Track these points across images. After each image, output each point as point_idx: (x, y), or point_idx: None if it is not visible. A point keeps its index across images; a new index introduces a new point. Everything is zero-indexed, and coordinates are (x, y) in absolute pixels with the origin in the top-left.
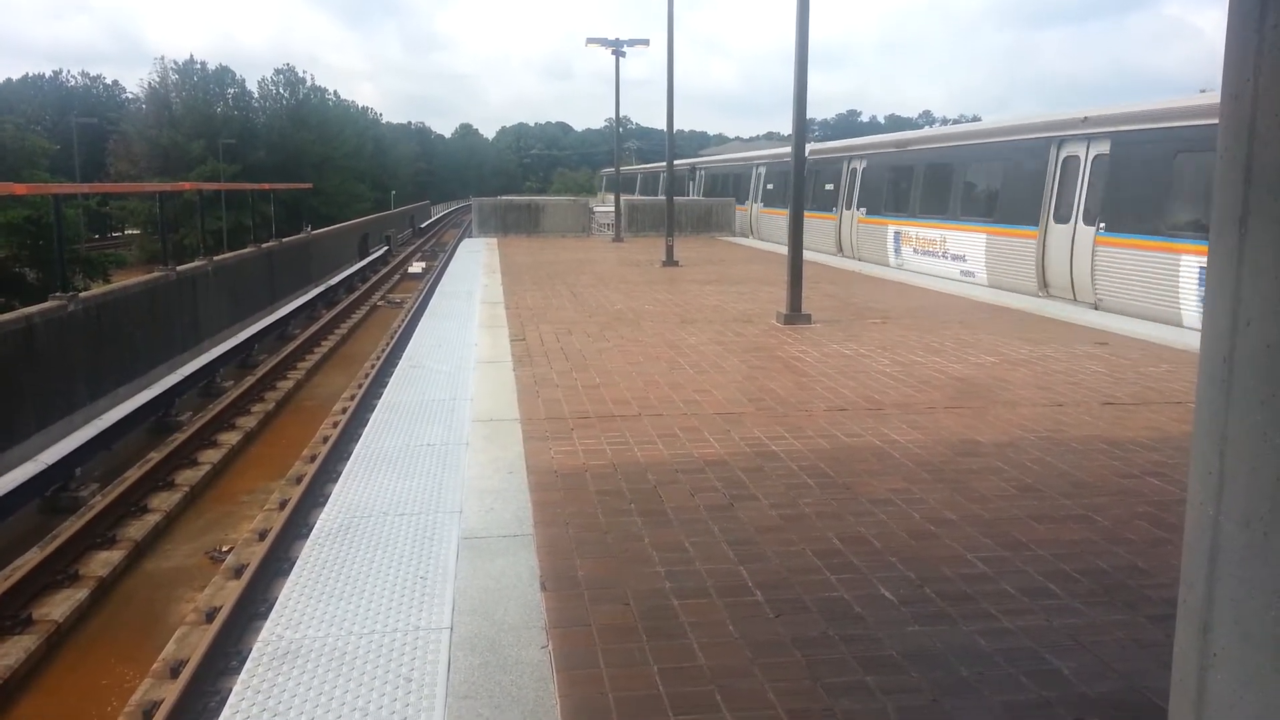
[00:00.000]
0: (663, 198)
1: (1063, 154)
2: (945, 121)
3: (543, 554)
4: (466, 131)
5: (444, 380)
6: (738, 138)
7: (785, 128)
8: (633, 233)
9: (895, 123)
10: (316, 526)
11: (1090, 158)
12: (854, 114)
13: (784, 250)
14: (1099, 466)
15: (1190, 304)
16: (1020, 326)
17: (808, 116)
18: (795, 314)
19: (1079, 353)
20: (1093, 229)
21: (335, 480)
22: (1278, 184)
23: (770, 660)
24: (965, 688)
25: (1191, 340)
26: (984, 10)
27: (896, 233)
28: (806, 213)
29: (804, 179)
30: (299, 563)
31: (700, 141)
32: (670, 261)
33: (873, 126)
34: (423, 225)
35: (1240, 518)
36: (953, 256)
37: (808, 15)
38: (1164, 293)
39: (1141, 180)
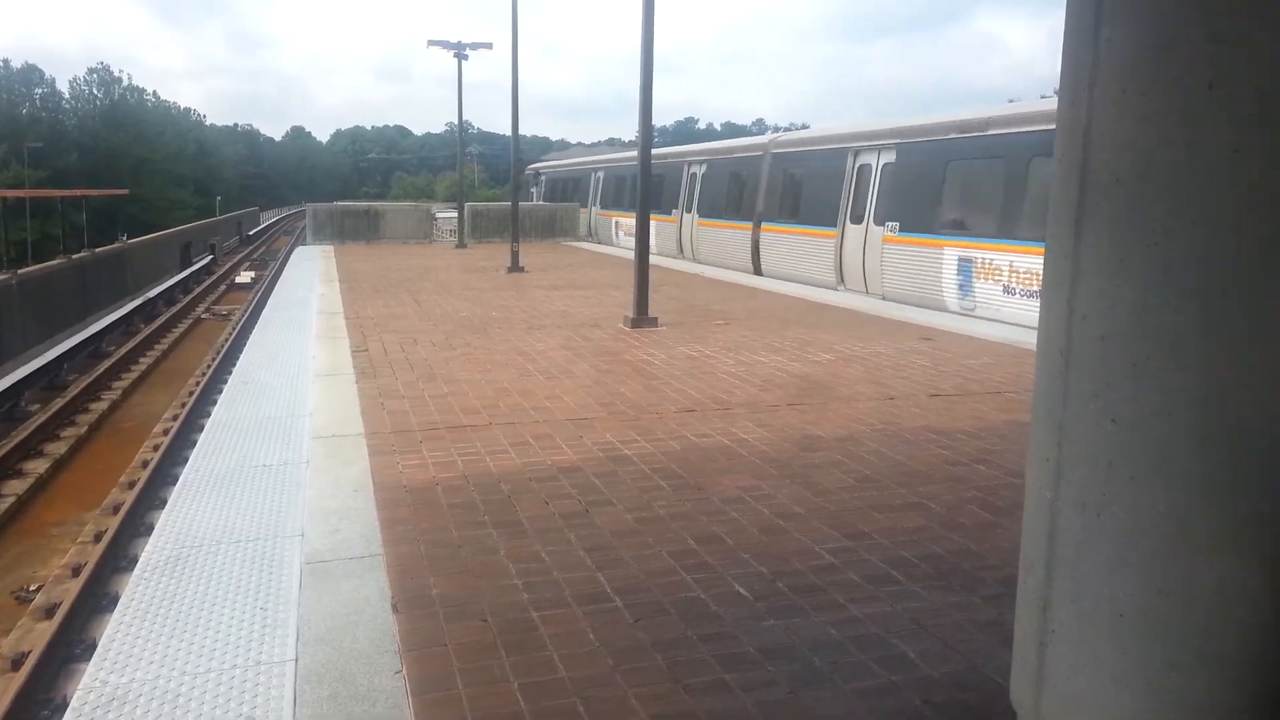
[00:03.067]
0: (507, 204)
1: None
2: (777, 128)
3: (393, 574)
4: (298, 134)
5: (280, 395)
6: (580, 143)
7: (626, 133)
8: (476, 238)
9: (731, 129)
10: (142, 559)
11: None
12: (692, 120)
13: (626, 254)
14: (930, 456)
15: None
16: (854, 325)
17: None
18: (642, 318)
19: (906, 348)
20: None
21: (160, 508)
22: (1111, 187)
23: (631, 666)
24: (820, 678)
25: (1009, 335)
26: (815, 21)
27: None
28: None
29: (651, 185)
30: (123, 599)
31: (543, 146)
32: (516, 267)
33: (709, 133)
34: (251, 232)
35: (1076, 502)
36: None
37: (653, 29)
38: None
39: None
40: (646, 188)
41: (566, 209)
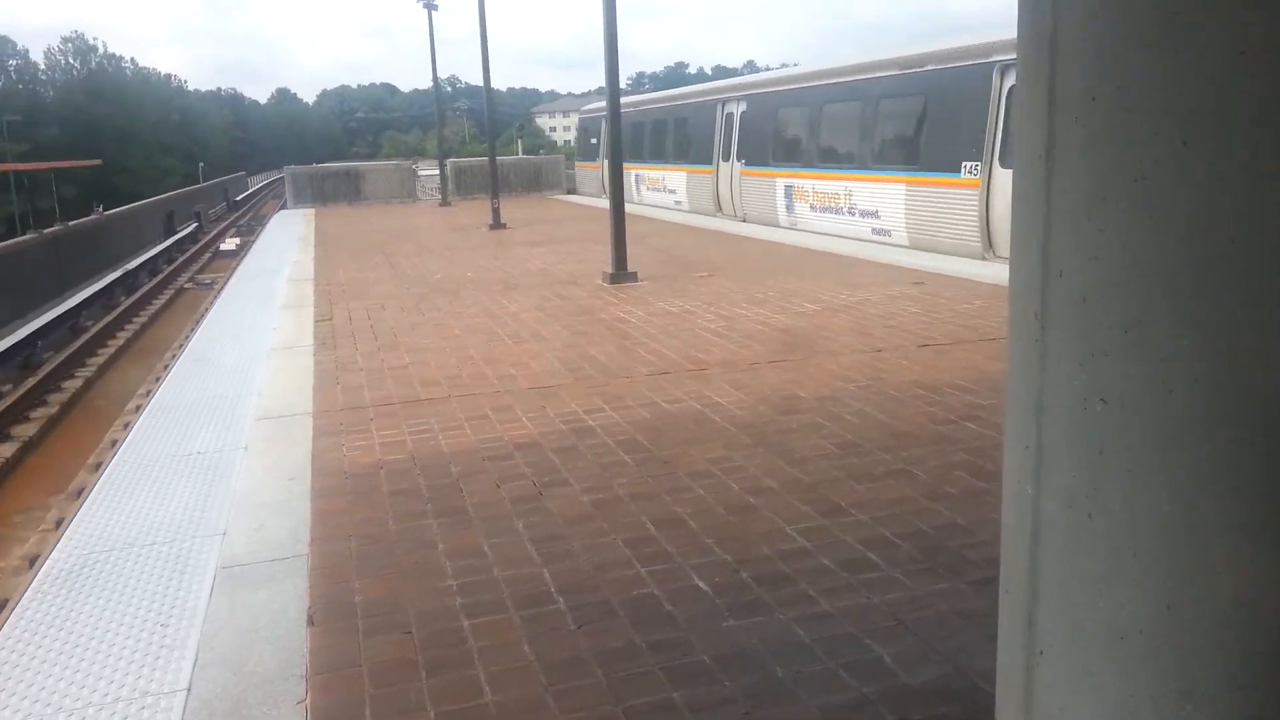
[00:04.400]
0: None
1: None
2: (766, 69)
3: (316, 578)
4: (284, 97)
5: (230, 373)
6: (569, 93)
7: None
8: (461, 195)
9: (721, 73)
10: (42, 570)
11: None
12: (682, 65)
13: (645, 211)
14: (916, 414)
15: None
16: (843, 271)
17: (636, 71)
18: (621, 273)
19: (896, 294)
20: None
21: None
22: (1086, 108)
23: (567, 685)
24: (782, 692)
25: (1002, 275)
26: None
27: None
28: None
29: (620, 130)
30: (9, 623)
31: (531, 99)
32: (498, 224)
33: (700, 77)
34: (238, 198)
35: (1063, 498)
36: (667, 189)
37: None
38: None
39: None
40: (616, 131)
41: (551, 162)
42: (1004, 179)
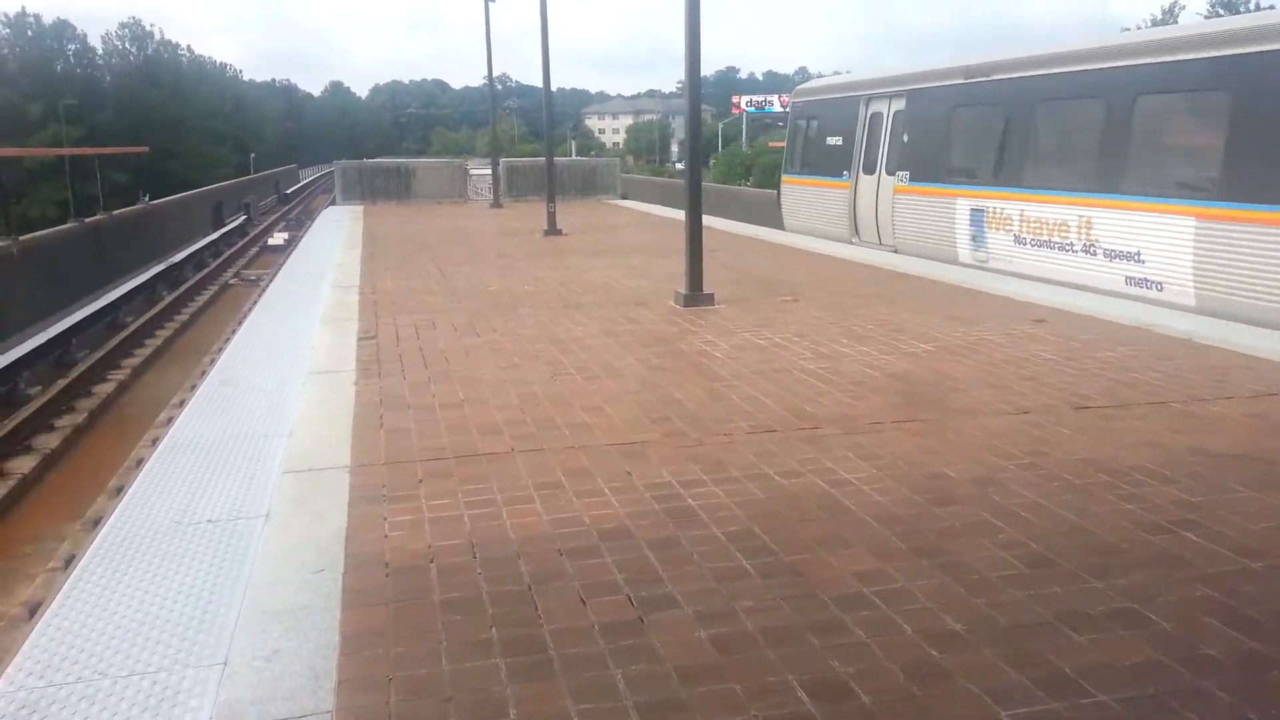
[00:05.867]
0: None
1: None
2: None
3: None
4: (337, 90)
5: (261, 403)
6: (619, 95)
7: (665, 85)
8: (513, 197)
9: (773, 79)
10: None
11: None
12: (733, 70)
13: (667, 213)
14: (1112, 513)
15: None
16: (944, 301)
17: (681, 78)
18: (696, 293)
19: (1019, 333)
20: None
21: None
22: None
23: None
24: None
25: (1135, 313)
26: None
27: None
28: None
29: (700, 130)
30: None
31: (581, 99)
32: (553, 230)
33: (752, 83)
34: (289, 191)
35: None
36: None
37: None
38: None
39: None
40: (696, 134)
41: (607, 164)
42: None
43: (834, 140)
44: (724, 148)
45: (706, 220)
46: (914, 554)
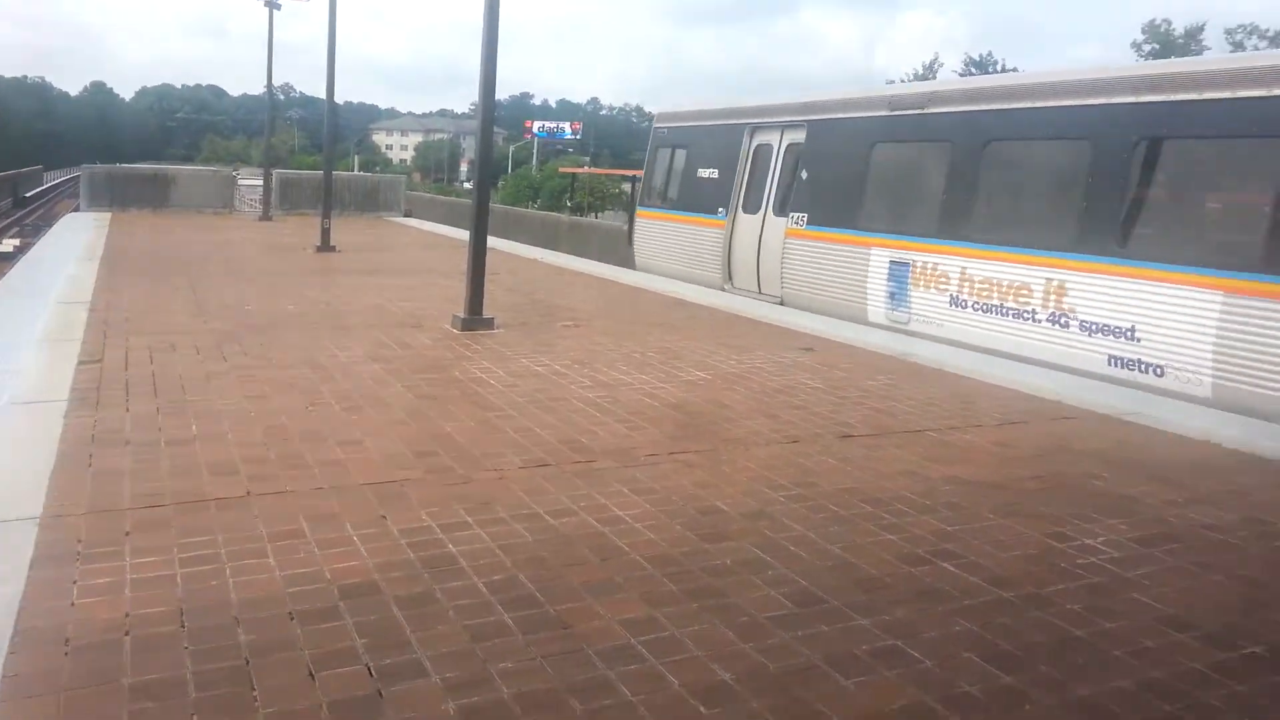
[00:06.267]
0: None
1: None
2: (611, 110)
3: None
4: (98, 90)
5: None
6: (409, 113)
7: (458, 105)
8: (285, 210)
9: (566, 107)
10: None
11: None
12: (527, 95)
13: (453, 232)
14: (875, 545)
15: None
16: (719, 328)
17: (473, 101)
18: (475, 317)
19: (788, 361)
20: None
21: None
22: None
23: None
24: None
25: (890, 344)
26: (643, 3)
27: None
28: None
29: (492, 148)
30: None
31: (370, 115)
32: (326, 246)
33: (544, 109)
34: (29, 194)
35: None
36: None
37: None
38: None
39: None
40: (487, 151)
41: (390, 181)
42: None
43: (707, 172)
44: (514, 170)
45: (492, 242)
46: (685, 596)
